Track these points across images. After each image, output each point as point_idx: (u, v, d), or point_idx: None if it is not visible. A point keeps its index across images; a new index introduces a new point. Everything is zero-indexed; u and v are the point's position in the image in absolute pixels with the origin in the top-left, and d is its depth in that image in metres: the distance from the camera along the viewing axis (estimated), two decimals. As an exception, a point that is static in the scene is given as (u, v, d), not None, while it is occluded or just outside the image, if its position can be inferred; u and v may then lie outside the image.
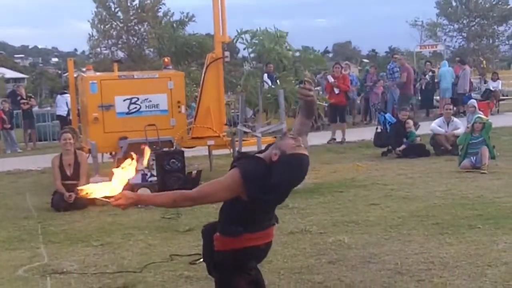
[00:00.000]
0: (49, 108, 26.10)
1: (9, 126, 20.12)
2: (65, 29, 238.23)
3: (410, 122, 14.10)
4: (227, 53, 12.31)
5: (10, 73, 73.81)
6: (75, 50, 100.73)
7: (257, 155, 4.39)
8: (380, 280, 5.48)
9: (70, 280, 5.97)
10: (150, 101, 11.34)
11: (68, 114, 20.28)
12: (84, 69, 13.84)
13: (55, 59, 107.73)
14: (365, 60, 65.09)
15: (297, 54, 11.21)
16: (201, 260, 6.19)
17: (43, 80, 69.71)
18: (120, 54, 28.38)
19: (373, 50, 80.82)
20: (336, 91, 16.89)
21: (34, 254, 7.02)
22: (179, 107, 11.56)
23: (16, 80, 67.20)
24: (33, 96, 25.41)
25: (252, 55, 12.14)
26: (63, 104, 20.73)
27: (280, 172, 4.10)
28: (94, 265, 6.45)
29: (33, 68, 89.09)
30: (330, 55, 78.37)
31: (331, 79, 17.18)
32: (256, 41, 10.63)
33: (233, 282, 4.30)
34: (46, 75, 74.18)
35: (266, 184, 4.10)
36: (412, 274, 5.59)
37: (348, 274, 5.68)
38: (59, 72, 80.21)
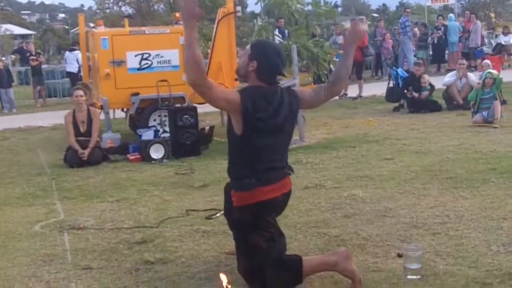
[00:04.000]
0: (58, 65, 25.93)
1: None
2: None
3: (426, 77, 14.00)
4: (238, 8, 12.21)
5: (17, 30, 73.36)
6: (82, 5, 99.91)
7: None
8: (396, 233, 5.51)
9: (87, 235, 6.01)
10: (162, 56, 11.29)
11: (78, 71, 20.22)
12: (92, 25, 13.76)
13: (62, 15, 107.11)
14: (375, 15, 64.38)
15: (309, 7, 11.07)
16: (217, 215, 6.31)
17: (50, 36, 69.40)
18: (128, 9, 28.14)
19: (384, 5, 79.87)
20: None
21: (50, 210, 7.07)
22: (190, 63, 11.47)
23: (23, 36, 66.84)
24: (42, 53, 25.24)
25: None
26: (73, 61, 20.61)
27: (264, 58, 4.31)
28: (110, 220, 6.50)
29: (40, 25, 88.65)
30: (339, 9, 77.55)
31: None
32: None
33: (249, 239, 4.33)
34: (53, 31, 73.83)
35: (258, 102, 4.24)
36: (427, 227, 5.61)
37: (364, 228, 5.71)
38: (67, 28, 79.86)
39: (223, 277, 4.01)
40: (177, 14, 12.41)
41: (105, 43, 11.09)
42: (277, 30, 14.13)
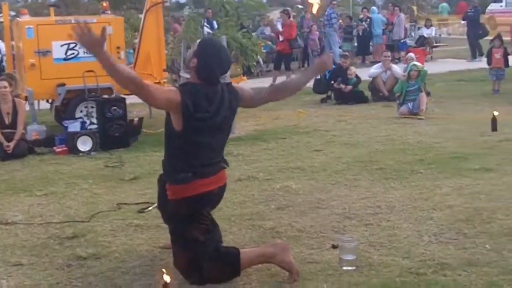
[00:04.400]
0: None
1: None
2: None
3: (352, 69, 14.18)
4: (167, -2, 12.10)
5: None
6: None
7: None
8: (329, 224, 5.57)
9: (16, 231, 5.84)
10: (89, 47, 11.03)
11: (1, 61, 19.59)
12: (13, 13, 13.36)
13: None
14: (300, 6, 64.81)
15: (238, -1, 11.07)
16: (150, 208, 6.24)
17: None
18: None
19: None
20: (281, 38, 16.87)
21: (-26, 205, 6.86)
22: (118, 52, 11.25)
23: None
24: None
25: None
26: (-6, 50, 19.96)
27: (206, 57, 4.29)
28: (39, 215, 6.33)
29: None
30: (264, 0, 77.89)
31: (279, 27, 17.17)
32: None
33: (186, 232, 4.31)
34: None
35: (198, 102, 4.21)
36: (360, 218, 5.70)
37: (298, 220, 5.75)
38: (-15, 16, 77.24)
39: (167, 278, 3.95)
40: (104, 4, 12.20)
41: (30, 32, 10.75)
42: (205, 20, 14.06)
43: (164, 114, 4.35)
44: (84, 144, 9.48)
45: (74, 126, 10.01)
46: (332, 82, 14.08)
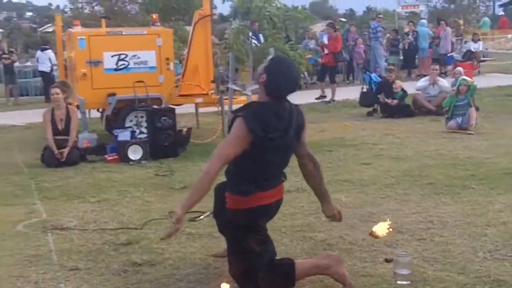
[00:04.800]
0: (28, 63, 25.56)
1: None
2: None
3: (398, 82, 14.14)
4: (215, 11, 12.25)
5: (-17, 28, 72.42)
6: (50, 4, 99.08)
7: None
8: (381, 238, 5.55)
9: (71, 236, 5.97)
10: (139, 57, 11.24)
11: (51, 70, 20.06)
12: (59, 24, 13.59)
13: (29, 13, 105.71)
14: (343, 19, 64.70)
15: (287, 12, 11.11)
16: (201, 217, 6.30)
17: (18, 35, 68.50)
18: (101, 9, 27.83)
19: (351, 9, 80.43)
20: (326, 51, 16.92)
21: (31, 210, 7.00)
22: (167, 64, 11.48)
23: (-11, 34, 65.95)
24: (14, 51, 24.97)
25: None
26: (45, 60, 20.34)
27: (275, 76, 4.24)
28: (93, 221, 6.46)
29: (7, 23, 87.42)
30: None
31: (325, 40, 17.22)
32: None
33: (243, 242, 4.34)
34: (21, 30, 72.92)
35: (267, 121, 4.19)
36: (412, 233, 5.67)
37: (349, 233, 5.75)
38: (34, 26, 78.89)
39: (225, 286, 4.00)
40: (154, 16, 12.40)
41: (82, 43, 11.02)
42: (252, 33, 14.16)
43: (211, 125, 4.40)
44: (135, 153, 9.63)
45: (124, 135, 10.18)
46: (378, 95, 14.06)
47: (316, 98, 16.92)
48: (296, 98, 4.58)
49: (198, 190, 4.20)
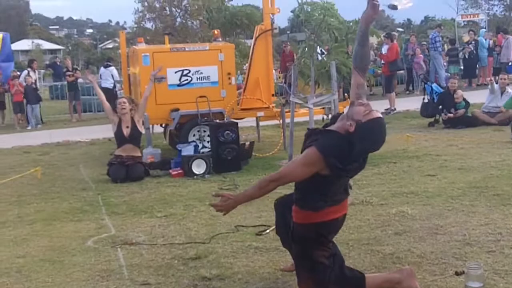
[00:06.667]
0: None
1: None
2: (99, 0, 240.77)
3: (460, 92, 13.98)
4: (275, 25, 12.39)
5: (46, 45, 74.43)
6: (109, 21, 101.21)
7: (328, 128, 4.44)
8: (450, 251, 5.51)
9: (141, 251, 6.08)
10: (201, 73, 11.42)
11: (114, 87, 20.49)
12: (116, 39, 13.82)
13: (89, 30, 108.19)
14: (400, 29, 64.30)
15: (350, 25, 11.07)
16: (267, 231, 6.36)
17: (79, 52, 70.19)
18: (160, 25, 28.21)
19: (408, 19, 79.88)
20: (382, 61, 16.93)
21: (100, 226, 7.16)
22: (229, 78, 11.63)
23: (52, 51, 67.77)
24: (79, 68, 25.54)
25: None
26: (108, 76, 20.77)
27: (363, 140, 4.18)
28: (161, 236, 6.57)
29: (68, 40, 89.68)
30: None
31: (383, 51, 17.21)
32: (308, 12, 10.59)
33: (313, 255, 4.38)
34: (82, 46, 74.69)
35: (346, 155, 4.18)
36: (481, 245, 5.61)
37: (417, 245, 5.72)
38: (94, 43, 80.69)
39: None
40: (216, 31, 12.57)
41: (146, 59, 11.26)
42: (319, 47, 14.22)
43: (272, 138, 4.47)
44: (199, 167, 9.75)
45: (188, 150, 10.33)
46: (440, 107, 13.92)
47: (385, 110, 16.68)
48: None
49: (253, 189, 4.43)
